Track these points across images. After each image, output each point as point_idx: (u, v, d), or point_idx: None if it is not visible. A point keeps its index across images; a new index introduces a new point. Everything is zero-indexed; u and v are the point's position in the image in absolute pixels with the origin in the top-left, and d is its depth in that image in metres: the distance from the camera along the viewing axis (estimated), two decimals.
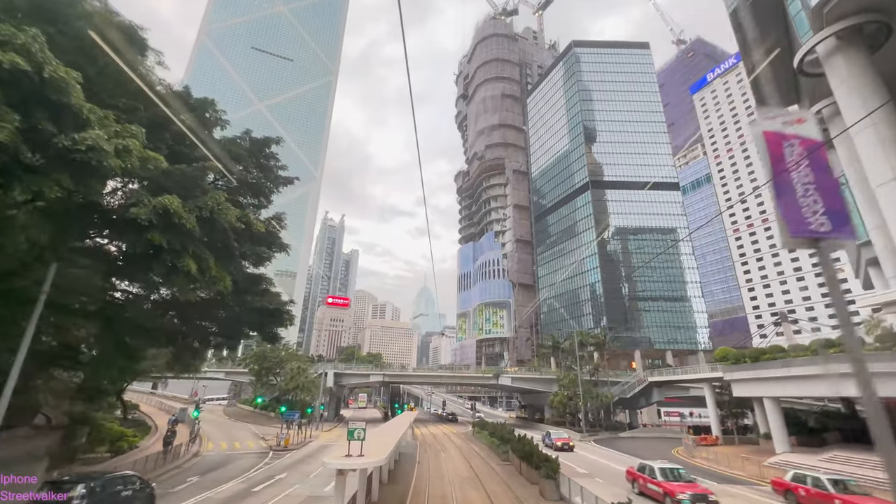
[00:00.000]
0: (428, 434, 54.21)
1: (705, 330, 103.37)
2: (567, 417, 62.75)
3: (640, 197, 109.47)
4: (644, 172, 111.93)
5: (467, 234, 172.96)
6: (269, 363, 65.50)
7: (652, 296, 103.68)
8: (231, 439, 43.55)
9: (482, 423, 51.25)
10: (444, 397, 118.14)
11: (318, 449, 38.41)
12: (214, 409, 68.61)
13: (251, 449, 38.18)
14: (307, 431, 49.99)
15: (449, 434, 55.02)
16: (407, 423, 34.02)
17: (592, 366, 61.64)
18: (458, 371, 72.61)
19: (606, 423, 60.84)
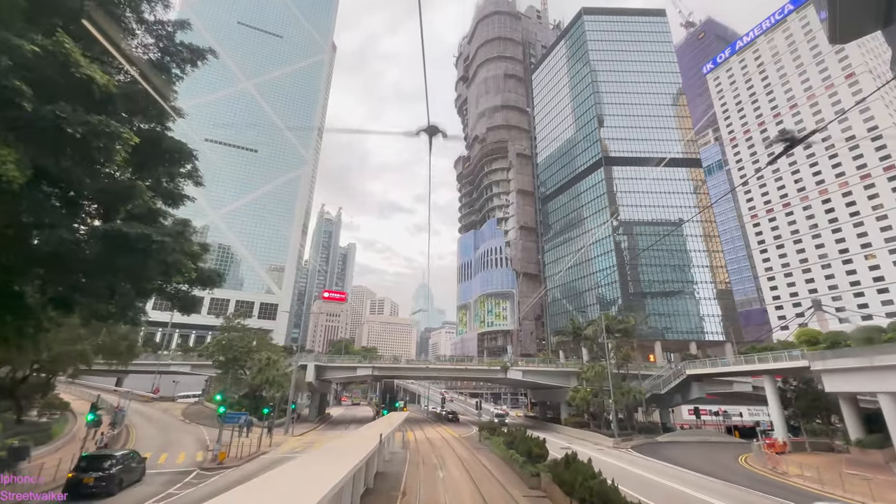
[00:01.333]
0: (423, 439, 43.09)
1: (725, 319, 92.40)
2: (589, 418, 51.68)
3: (658, 174, 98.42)
4: (662, 148, 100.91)
5: (468, 223, 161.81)
6: (236, 353, 54.37)
7: (672, 282, 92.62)
8: (163, 448, 32.42)
9: (491, 427, 40.19)
10: (444, 393, 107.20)
11: (267, 465, 27.21)
12: (172, 408, 57.56)
13: (177, 465, 27.08)
14: (269, 438, 38.89)
15: (449, 439, 43.91)
16: (387, 429, 22.92)
17: (621, 355, 50.59)
18: (460, 363, 61.43)
19: (639, 425, 49.80)
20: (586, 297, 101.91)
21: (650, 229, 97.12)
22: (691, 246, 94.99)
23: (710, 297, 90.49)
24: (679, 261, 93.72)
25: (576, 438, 47.48)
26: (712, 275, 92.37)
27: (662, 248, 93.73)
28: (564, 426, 54.27)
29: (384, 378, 72.47)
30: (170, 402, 65.86)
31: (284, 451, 33.59)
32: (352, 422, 67.21)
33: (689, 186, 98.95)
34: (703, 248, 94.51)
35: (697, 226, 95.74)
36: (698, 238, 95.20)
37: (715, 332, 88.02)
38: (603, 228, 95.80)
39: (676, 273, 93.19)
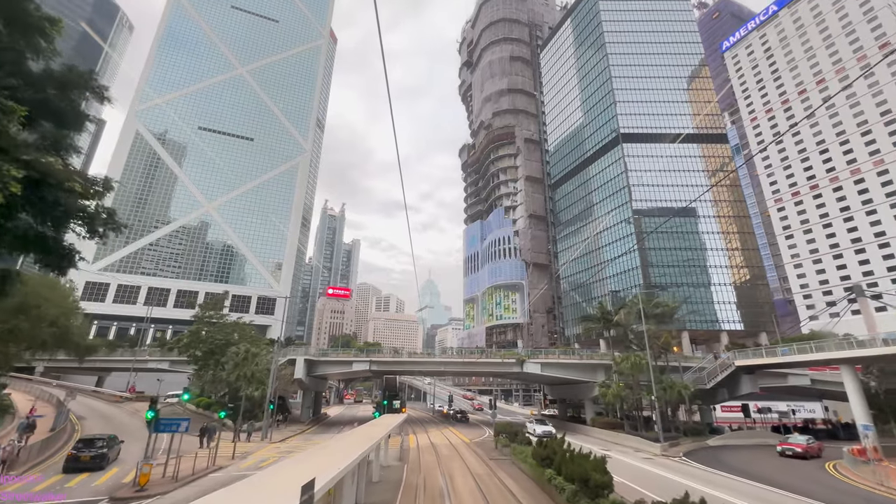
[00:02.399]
0: (427, 445, 35.09)
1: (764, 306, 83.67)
2: (623, 417, 43.44)
3: (679, 151, 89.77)
4: (683, 123, 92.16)
5: (474, 213, 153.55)
6: (213, 345, 46.74)
7: (696, 267, 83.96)
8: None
9: (510, 430, 32.10)
10: (451, 391, 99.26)
11: (210, 489, 19.22)
12: (140, 408, 50.03)
13: (92, 488, 19.34)
14: (237, 445, 31.16)
15: (458, 445, 35.88)
16: (370, 439, 14.93)
17: (659, 344, 42.31)
18: (469, 356, 53.35)
19: (683, 426, 41.51)
20: (602, 287, 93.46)
21: (672, 211, 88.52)
22: (718, 228, 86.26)
23: (741, 284, 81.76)
24: (705, 244, 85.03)
25: (610, 443, 39.29)
26: (743, 259, 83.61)
27: (686, 230, 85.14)
28: (592, 427, 46.05)
29: (384, 373, 64.52)
30: (146, 402, 58.41)
31: (247, 466, 25.72)
32: (350, 422, 59.48)
33: (713, 164, 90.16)
34: (734, 229, 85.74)
35: (726, 206, 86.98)
36: (728, 219, 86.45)
37: (746, 321, 79.36)
38: (621, 210, 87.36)
39: (702, 257, 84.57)
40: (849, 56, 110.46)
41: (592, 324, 46.26)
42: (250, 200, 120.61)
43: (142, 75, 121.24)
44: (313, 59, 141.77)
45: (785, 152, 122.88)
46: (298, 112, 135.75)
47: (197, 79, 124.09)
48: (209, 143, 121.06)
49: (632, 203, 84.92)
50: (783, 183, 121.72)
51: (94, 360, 62.45)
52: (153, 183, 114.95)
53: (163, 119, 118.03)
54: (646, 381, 41.80)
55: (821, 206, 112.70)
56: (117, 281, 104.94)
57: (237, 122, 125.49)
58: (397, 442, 34.43)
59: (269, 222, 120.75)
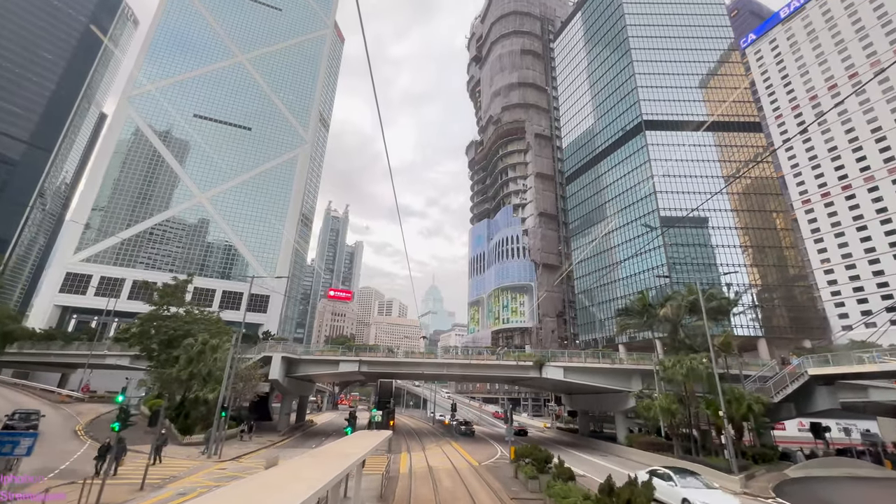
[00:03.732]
0: (422, 472, 26.04)
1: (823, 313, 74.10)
2: (674, 437, 34.13)
3: (708, 140, 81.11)
4: (711, 110, 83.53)
5: (480, 211, 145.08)
6: (169, 336, 38.07)
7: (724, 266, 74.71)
8: None
9: (536, 455, 22.95)
10: (455, 398, 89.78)
11: None
12: (88, 412, 41.37)
13: None
14: (157, 463, 22.36)
15: (464, 471, 26.77)
16: (322, 479, 5.99)
17: (717, 345, 33.23)
18: (477, 357, 44.30)
19: (751, 450, 32.16)
20: (621, 288, 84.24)
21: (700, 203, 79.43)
22: (752, 223, 77.15)
23: (780, 285, 72.37)
24: (737, 241, 75.87)
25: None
26: (781, 258, 74.33)
27: (717, 225, 76.09)
28: (628, 447, 36.73)
29: (378, 376, 55.77)
30: (104, 403, 49.68)
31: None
32: (338, 432, 50.47)
33: (745, 154, 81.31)
34: (771, 225, 76.58)
35: (761, 199, 77.92)
36: (763, 214, 77.37)
37: (788, 326, 69.86)
38: (643, 203, 78.52)
39: (734, 255, 75.36)
40: (884, 47, 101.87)
41: (630, 319, 37.23)
42: (246, 192, 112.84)
43: (136, 61, 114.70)
44: (317, 50, 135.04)
45: (813, 151, 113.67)
46: (300, 103, 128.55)
47: (194, 66, 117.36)
48: (204, 131, 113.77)
49: (656, 196, 76.06)
50: (811, 183, 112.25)
51: (46, 355, 54.20)
52: (144, 172, 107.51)
53: (156, 106, 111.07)
54: (700, 393, 32.71)
55: (854, 208, 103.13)
56: (100, 273, 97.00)
57: (235, 111, 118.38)
58: (382, 464, 25.47)
59: (264, 215, 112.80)
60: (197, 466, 25.24)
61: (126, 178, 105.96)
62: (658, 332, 36.49)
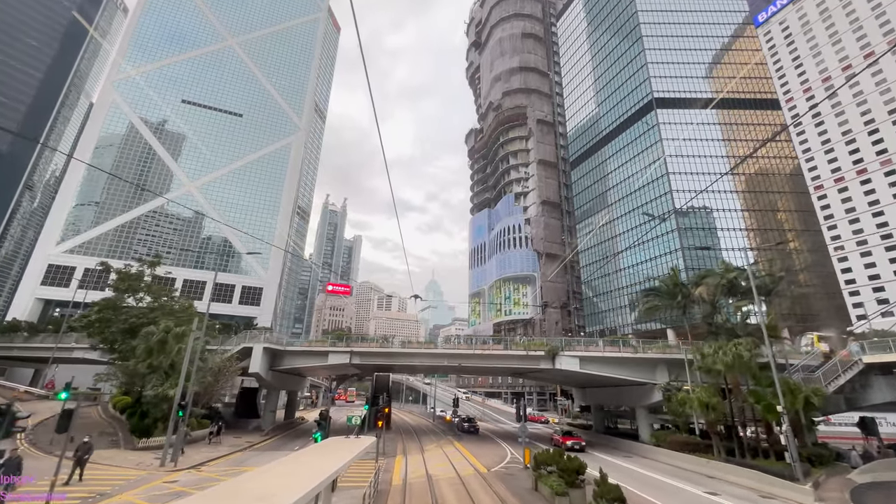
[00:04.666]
0: (419, 481, 21.15)
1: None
2: (714, 435, 29.31)
3: (723, 118, 75.96)
4: (724, 87, 78.31)
5: (481, 201, 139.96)
6: (130, 323, 33.08)
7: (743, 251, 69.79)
8: None
9: (565, 465, 17.91)
10: (457, 393, 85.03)
11: None
12: (43, 410, 36.44)
13: None
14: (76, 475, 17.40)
15: (470, 482, 21.85)
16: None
17: (769, 318, 28.22)
18: (482, 347, 39.33)
19: (805, 450, 27.27)
20: (629, 275, 79.39)
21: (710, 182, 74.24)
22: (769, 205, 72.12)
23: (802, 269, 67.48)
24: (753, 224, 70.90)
25: (697, 474, 25.34)
26: (802, 241, 69.38)
27: (731, 207, 71.11)
28: (656, 448, 31.89)
29: (372, 368, 50.75)
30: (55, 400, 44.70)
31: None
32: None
33: (762, 133, 76.19)
34: (790, 207, 71.60)
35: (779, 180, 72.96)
36: (781, 196, 72.35)
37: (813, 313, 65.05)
38: (655, 186, 73.53)
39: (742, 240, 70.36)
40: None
41: (658, 300, 32.27)
42: (238, 181, 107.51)
43: (122, 44, 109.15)
44: (310, 34, 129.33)
45: (826, 134, 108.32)
46: (293, 89, 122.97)
47: (182, 49, 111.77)
48: (194, 117, 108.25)
49: (669, 177, 70.98)
50: (824, 168, 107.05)
51: (10, 348, 49.20)
52: (131, 160, 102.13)
53: (142, 91, 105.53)
54: (745, 385, 27.83)
55: (870, 193, 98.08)
56: (84, 264, 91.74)
57: (225, 97, 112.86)
58: (369, 472, 20.58)
59: (258, 205, 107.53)
60: (140, 479, 20.29)
61: (112, 167, 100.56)
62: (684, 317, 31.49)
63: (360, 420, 13.05)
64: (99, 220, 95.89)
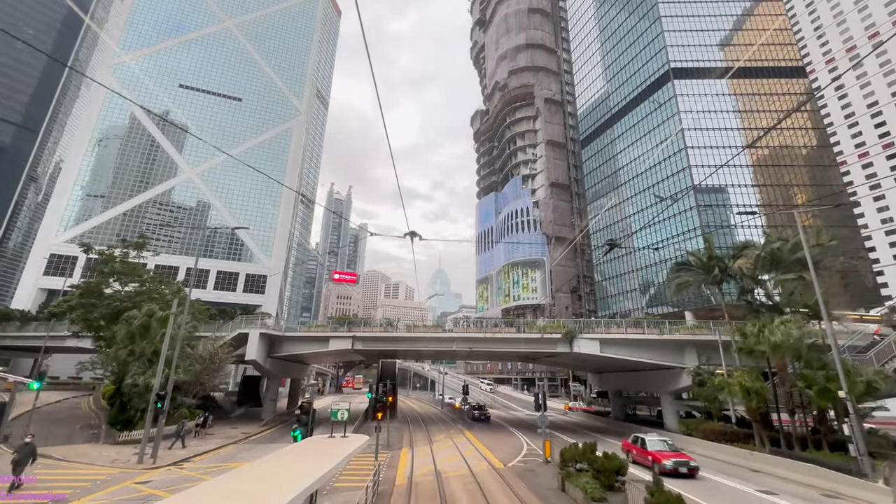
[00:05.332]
0: (426, 480, 18.37)
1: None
2: (758, 424, 26.39)
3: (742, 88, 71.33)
4: (744, 55, 73.36)
5: (488, 184, 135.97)
6: (113, 307, 30.56)
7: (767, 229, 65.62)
8: None
9: (596, 465, 14.90)
10: (466, 379, 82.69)
11: None
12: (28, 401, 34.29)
13: None
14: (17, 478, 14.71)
15: (486, 480, 19.04)
16: None
17: (811, 305, 24.98)
18: (493, 330, 36.38)
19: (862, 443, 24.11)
20: (644, 257, 75.83)
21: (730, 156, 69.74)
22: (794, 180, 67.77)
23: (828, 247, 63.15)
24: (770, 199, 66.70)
25: (738, 467, 22.38)
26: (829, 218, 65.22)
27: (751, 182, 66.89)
28: (688, 437, 28.90)
29: (377, 354, 48.42)
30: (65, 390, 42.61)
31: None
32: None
33: (786, 103, 71.44)
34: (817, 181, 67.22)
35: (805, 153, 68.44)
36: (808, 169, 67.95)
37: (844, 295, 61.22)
38: (672, 162, 69.44)
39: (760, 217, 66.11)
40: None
41: (690, 276, 28.96)
42: (239, 167, 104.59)
43: (117, 27, 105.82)
44: (309, 15, 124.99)
45: (850, 108, 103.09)
46: (293, 71, 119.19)
47: (178, 32, 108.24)
48: (192, 102, 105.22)
49: (687, 152, 66.79)
50: (847, 144, 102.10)
51: (2, 338, 47.25)
52: (129, 148, 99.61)
53: (139, 76, 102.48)
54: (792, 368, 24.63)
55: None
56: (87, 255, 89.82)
57: (224, 81, 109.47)
58: (369, 470, 17.80)
59: (259, 191, 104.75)
60: (109, 479, 17.71)
61: (111, 155, 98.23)
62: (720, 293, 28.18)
63: (348, 413, 10.22)
64: (104, 208, 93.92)
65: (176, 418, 28.56)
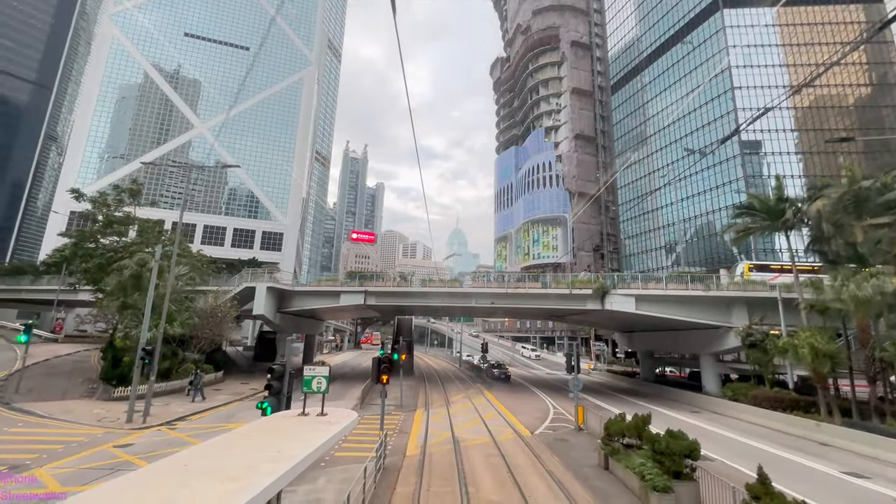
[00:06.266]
0: (441, 448, 15.77)
1: None
2: (822, 389, 22.96)
3: (801, 18, 62.19)
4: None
5: (507, 138, 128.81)
6: (107, 257, 28.41)
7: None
8: None
9: (658, 446, 11.77)
10: (484, 337, 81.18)
11: None
12: (41, 353, 33.50)
13: None
14: None
15: (510, 450, 16.36)
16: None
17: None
18: (516, 284, 33.13)
19: None
20: (675, 211, 70.28)
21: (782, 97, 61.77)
22: (864, 124, 59.98)
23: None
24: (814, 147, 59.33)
25: (818, 445, 19.07)
26: None
27: (807, 127, 59.52)
28: (734, 403, 25.71)
29: (392, 311, 46.20)
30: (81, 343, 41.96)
31: None
32: (340, 377, 42.01)
33: (851, 33, 62.10)
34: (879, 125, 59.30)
35: (876, 92, 60.12)
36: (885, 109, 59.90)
37: None
38: (715, 105, 62.25)
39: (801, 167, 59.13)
40: None
41: (753, 222, 24.66)
42: (249, 121, 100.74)
43: None
44: None
45: None
46: (302, 19, 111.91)
47: None
48: (199, 52, 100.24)
49: (734, 92, 59.40)
50: None
51: (17, 291, 46.71)
52: (139, 102, 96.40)
53: (142, 24, 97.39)
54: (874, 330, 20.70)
55: None
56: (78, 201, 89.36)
57: (230, 29, 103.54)
58: (373, 439, 15.29)
59: (272, 146, 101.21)
60: (88, 441, 15.69)
61: (122, 110, 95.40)
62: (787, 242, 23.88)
63: (327, 382, 7.36)
64: (114, 166, 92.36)
65: (180, 373, 26.95)
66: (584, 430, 19.32)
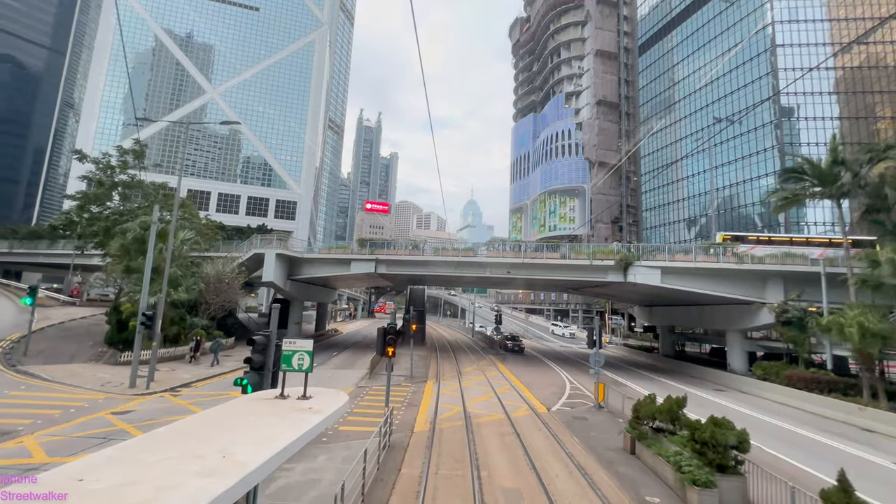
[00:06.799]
0: (452, 433, 14.70)
1: None
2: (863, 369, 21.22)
3: None
4: None
5: (525, 105, 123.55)
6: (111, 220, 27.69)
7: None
8: None
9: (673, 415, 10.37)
10: (498, 308, 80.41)
11: None
12: (56, 316, 33.60)
13: None
14: None
15: (526, 428, 15.26)
16: None
17: None
18: (533, 254, 31.46)
19: None
20: (696, 185, 66.67)
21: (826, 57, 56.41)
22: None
23: None
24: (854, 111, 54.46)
25: (862, 430, 17.49)
26: None
27: (854, 89, 54.52)
28: (764, 382, 24.15)
29: (405, 280, 45.26)
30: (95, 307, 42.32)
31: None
32: (353, 345, 41.85)
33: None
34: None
35: None
36: None
37: None
38: (753, 66, 57.39)
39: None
40: None
41: (803, 189, 22.23)
42: (260, 85, 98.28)
43: None
44: None
45: None
46: None
47: None
48: (208, 13, 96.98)
49: (776, 51, 54.44)
50: None
51: (35, 255, 47.07)
52: (151, 66, 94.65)
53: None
54: None
55: None
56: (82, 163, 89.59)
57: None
58: (378, 413, 14.33)
59: (284, 111, 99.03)
60: (88, 406, 15.13)
61: (134, 74, 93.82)
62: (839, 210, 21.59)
63: (310, 359, 6.20)
64: (128, 132, 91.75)
65: (189, 339, 26.55)
66: (605, 408, 18.12)
